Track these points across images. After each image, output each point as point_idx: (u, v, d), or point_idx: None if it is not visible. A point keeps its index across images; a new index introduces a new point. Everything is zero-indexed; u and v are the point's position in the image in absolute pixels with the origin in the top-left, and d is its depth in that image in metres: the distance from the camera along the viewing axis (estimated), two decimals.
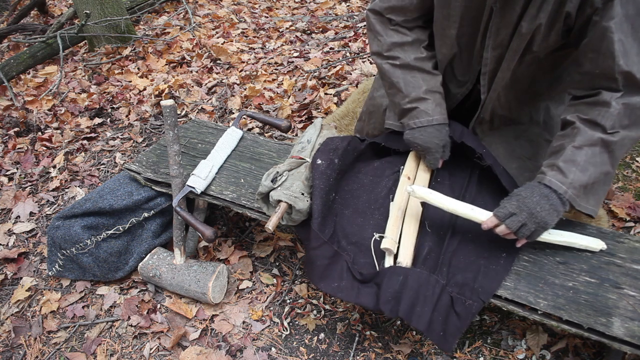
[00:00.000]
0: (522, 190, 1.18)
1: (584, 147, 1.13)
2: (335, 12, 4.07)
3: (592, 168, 1.13)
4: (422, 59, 1.38)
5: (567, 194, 1.13)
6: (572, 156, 1.13)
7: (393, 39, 1.38)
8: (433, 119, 1.36)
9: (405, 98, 1.38)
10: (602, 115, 1.11)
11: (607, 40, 1.07)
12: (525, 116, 1.45)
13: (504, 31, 1.20)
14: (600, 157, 1.12)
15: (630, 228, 1.72)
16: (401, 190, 1.41)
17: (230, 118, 2.71)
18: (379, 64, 1.43)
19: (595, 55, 1.11)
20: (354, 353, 1.47)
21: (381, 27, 1.39)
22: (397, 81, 1.38)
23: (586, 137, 1.13)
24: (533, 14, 1.13)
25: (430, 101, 1.36)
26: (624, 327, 1.11)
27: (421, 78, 1.37)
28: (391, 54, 1.38)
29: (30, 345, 1.62)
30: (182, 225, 1.67)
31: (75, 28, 3.67)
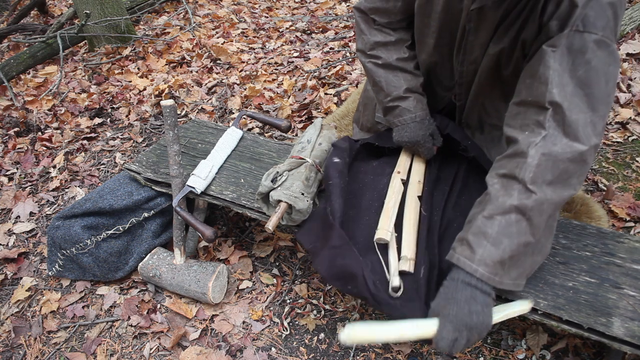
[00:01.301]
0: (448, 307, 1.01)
1: (495, 215, 1.01)
2: (335, 12, 4.07)
3: (507, 240, 0.99)
4: (404, 60, 1.39)
5: (478, 273, 1.00)
6: (482, 227, 1.01)
7: (376, 38, 1.39)
8: (415, 115, 1.39)
9: (387, 97, 1.41)
10: (520, 167, 1.00)
11: (543, 64, 1.00)
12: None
13: (477, 50, 1.22)
14: (516, 226, 0.99)
15: (630, 228, 1.72)
16: (393, 183, 1.42)
17: (230, 118, 2.71)
18: (363, 62, 1.45)
19: (531, 80, 1.05)
20: (354, 353, 1.47)
21: (365, 25, 1.41)
22: (379, 80, 1.41)
23: (497, 205, 1.01)
24: (499, 37, 1.15)
25: (411, 99, 1.39)
26: (624, 327, 1.11)
27: (402, 78, 1.39)
28: (374, 53, 1.40)
29: (30, 345, 1.62)
30: (182, 225, 1.67)
31: (75, 28, 3.67)
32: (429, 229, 1.32)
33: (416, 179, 1.43)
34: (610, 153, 2.07)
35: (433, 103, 1.51)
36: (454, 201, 1.40)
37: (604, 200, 1.83)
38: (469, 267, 1.01)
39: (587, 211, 1.60)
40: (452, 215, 1.36)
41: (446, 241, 1.30)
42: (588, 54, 0.97)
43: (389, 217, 1.33)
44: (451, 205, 1.38)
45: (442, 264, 1.26)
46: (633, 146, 2.08)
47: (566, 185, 1.01)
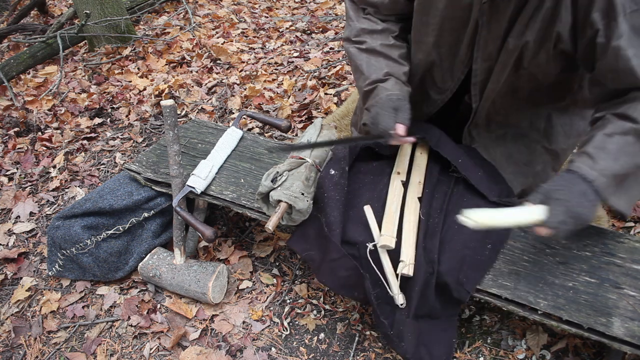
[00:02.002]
0: (560, 191, 1.07)
1: (615, 135, 1.06)
2: (335, 12, 4.07)
3: (625, 157, 1.06)
4: (389, 46, 1.37)
5: (597, 182, 1.05)
6: (603, 143, 1.07)
7: (363, 25, 1.39)
8: (392, 94, 1.28)
9: (366, 80, 1.35)
10: (634, 108, 1.06)
11: (622, 58, 1.04)
12: (525, 121, 1.43)
13: (492, 45, 1.20)
14: (633, 147, 1.05)
15: (630, 228, 1.72)
16: (393, 186, 1.41)
17: (230, 118, 2.71)
18: (347, 48, 1.43)
19: (615, 74, 1.08)
20: (354, 353, 1.47)
21: (354, 13, 1.41)
22: (360, 64, 1.37)
23: (617, 126, 1.07)
24: (520, 30, 1.13)
25: (390, 81, 1.32)
26: (624, 327, 1.11)
27: (384, 63, 1.35)
28: (359, 38, 1.38)
29: (30, 345, 1.62)
30: (182, 225, 1.67)
31: (75, 28, 3.67)
32: (426, 233, 1.32)
33: (416, 179, 1.42)
34: None
35: (426, 107, 1.50)
36: (455, 203, 1.39)
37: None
38: (590, 175, 1.06)
39: None
40: (453, 217, 1.35)
41: (448, 245, 1.30)
42: None
43: (392, 223, 1.32)
44: (452, 208, 1.37)
45: (441, 268, 1.26)
46: None
47: None
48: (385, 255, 1.29)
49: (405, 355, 1.29)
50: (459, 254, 1.28)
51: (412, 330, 1.28)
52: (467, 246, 1.29)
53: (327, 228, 1.35)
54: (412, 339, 1.27)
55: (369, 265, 1.32)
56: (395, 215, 1.34)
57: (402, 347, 1.28)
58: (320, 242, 1.38)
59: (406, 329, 1.28)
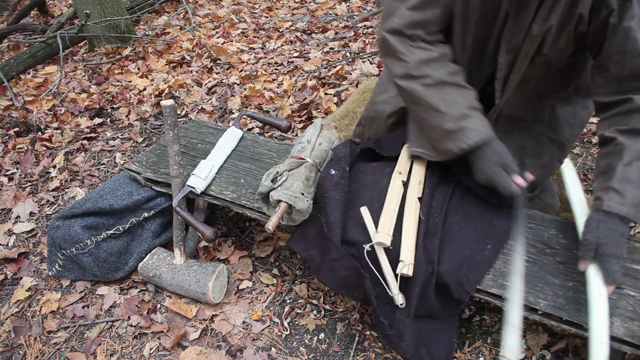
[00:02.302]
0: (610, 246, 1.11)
1: (634, 162, 1.11)
2: (335, 12, 4.08)
3: None
4: (454, 74, 1.27)
5: (630, 215, 1.11)
6: (625, 174, 1.11)
7: (420, 56, 1.25)
8: (485, 135, 1.23)
9: (446, 117, 1.24)
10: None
11: (631, 40, 1.06)
12: (529, 114, 1.44)
13: (518, 35, 1.19)
14: None
15: (630, 228, 1.72)
16: (393, 185, 1.41)
17: (230, 118, 2.71)
18: (409, 87, 1.28)
19: (621, 57, 1.10)
20: (354, 353, 1.47)
21: (403, 46, 1.26)
22: (434, 102, 1.25)
23: (633, 152, 1.11)
24: (544, 15, 1.13)
25: (474, 118, 1.24)
26: (624, 327, 1.11)
27: (459, 95, 1.26)
28: (421, 72, 1.25)
29: (30, 345, 1.62)
30: (182, 225, 1.67)
31: (75, 28, 3.67)
32: (426, 233, 1.32)
33: (417, 179, 1.42)
34: None
35: None
36: (456, 203, 1.39)
37: None
38: (623, 212, 1.10)
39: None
40: (454, 218, 1.36)
41: (448, 245, 1.30)
42: None
43: (389, 220, 1.32)
44: (453, 208, 1.38)
45: (442, 268, 1.26)
46: None
47: None
48: (383, 255, 1.29)
49: (405, 355, 1.29)
50: (459, 254, 1.28)
51: (412, 330, 1.28)
52: (467, 246, 1.29)
53: (327, 228, 1.35)
54: (411, 338, 1.27)
55: (369, 265, 1.32)
56: (393, 214, 1.34)
57: (401, 347, 1.28)
58: (321, 242, 1.38)
59: (406, 329, 1.28)
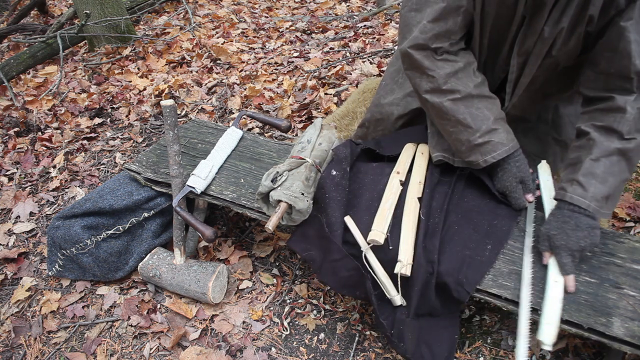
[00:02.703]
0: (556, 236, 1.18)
1: (601, 158, 1.14)
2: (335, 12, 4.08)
3: (612, 178, 1.14)
4: (479, 85, 1.29)
5: (591, 208, 1.14)
6: (591, 169, 1.15)
7: (446, 69, 1.25)
8: (509, 147, 1.28)
9: (475, 133, 1.26)
10: (618, 122, 1.12)
11: (624, 39, 1.07)
12: (533, 114, 1.45)
13: (531, 38, 1.20)
14: (618, 165, 1.14)
15: (630, 228, 1.72)
16: (390, 184, 1.41)
17: (230, 118, 2.71)
18: (438, 103, 1.28)
19: (612, 54, 1.11)
20: (354, 353, 1.47)
21: (429, 61, 1.26)
22: (463, 117, 1.26)
23: (602, 149, 1.14)
24: (556, 18, 1.13)
25: (500, 130, 1.28)
26: (624, 327, 1.11)
27: (485, 107, 1.27)
28: (449, 87, 1.26)
29: (30, 345, 1.62)
30: (182, 225, 1.67)
31: (75, 28, 3.67)
32: (426, 233, 1.32)
33: (417, 179, 1.42)
34: None
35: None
36: (456, 203, 1.39)
37: None
38: (583, 204, 1.15)
39: None
40: (453, 218, 1.36)
41: (448, 245, 1.30)
42: None
43: (384, 218, 1.32)
44: (453, 208, 1.38)
45: (441, 268, 1.26)
46: None
47: None
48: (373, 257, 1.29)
49: (406, 355, 1.29)
50: (459, 254, 1.28)
51: (413, 329, 1.28)
52: (467, 246, 1.29)
53: (328, 229, 1.35)
54: (412, 338, 1.27)
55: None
56: (389, 212, 1.34)
57: (401, 347, 1.28)
58: (321, 243, 1.38)
59: (406, 329, 1.28)
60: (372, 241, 1.28)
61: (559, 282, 1.18)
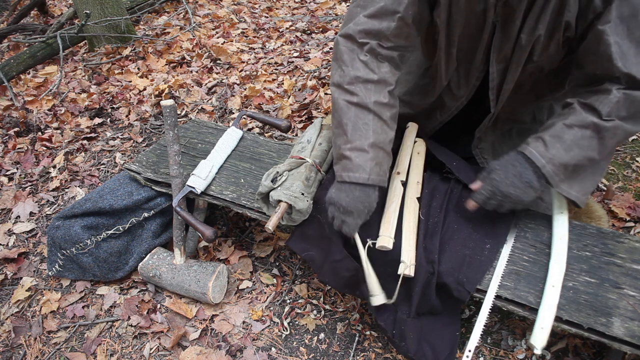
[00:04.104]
0: (497, 172, 1.19)
1: (575, 126, 1.13)
2: (335, 12, 4.07)
3: (577, 150, 1.12)
4: (382, 105, 1.23)
5: (545, 169, 1.13)
6: (560, 132, 1.14)
7: (358, 72, 1.22)
8: (369, 178, 1.20)
9: (347, 143, 1.22)
10: (601, 101, 1.10)
11: (603, 43, 1.07)
12: (528, 115, 1.45)
13: (507, 45, 1.20)
14: (589, 140, 1.12)
15: (630, 228, 1.72)
16: (393, 186, 1.41)
17: (230, 118, 2.71)
18: (336, 98, 1.25)
19: (594, 57, 1.11)
20: (354, 353, 1.47)
21: (349, 56, 1.24)
22: (346, 122, 1.22)
23: (579, 118, 1.12)
24: (531, 25, 1.13)
25: (369, 156, 1.20)
26: (624, 327, 1.11)
27: (372, 128, 1.21)
28: (352, 88, 1.22)
29: (30, 345, 1.62)
30: (182, 225, 1.67)
31: (75, 28, 3.67)
32: (426, 233, 1.32)
33: (415, 179, 1.42)
34: None
35: (440, 115, 1.49)
36: (455, 203, 1.39)
37: (604, 200, 1.83)
38: (538, 161, 1.14)
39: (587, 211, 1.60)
40: (453, 217, 1.36)
41: (448, 244, 1.30)
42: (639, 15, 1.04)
43: (390, 223, 1.31)
44: (452, 208, 1.38)
45: (442, 268, 1.26)
46: (633, 146, 2.08)
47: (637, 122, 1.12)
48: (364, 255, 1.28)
49: (407, 354, 1.29)
50: (459, 253, 1.28)
51: (414, 329, 1.28)
52: (466, 246, 1.30)
53: (330, 229, 1.35)
54: (413, 337, 1.27)
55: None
56: (394, 215, 1.34)
57: (403, 347, 1.28)
58: (322, 243, 1.38)
59: (407, 328, 1.28)
60: (382, 247, 1.27)
61: (556, 287, 1.17)
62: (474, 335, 1.22)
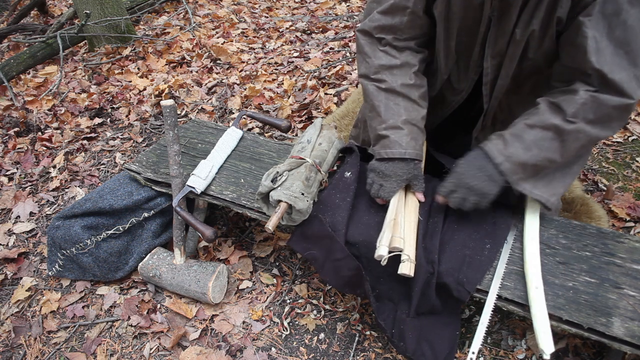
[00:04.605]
0: (461, 165, 1.23)
1: (536, 127, 1.14)
2: (335, 12, 4.07)
3: (537, 150, 1.13)
4: (409, 86, 1.31)
5: (503, 166, 1.16)
6: (521, 132, 1.15)
7: (381, 61, 1.31)
8: (406, 152, 1.28)
9: (382, 124, 1.30)
10: (567, 101, 1.11)
11: (581, 34, 1.06)
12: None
13: (502, 40, 1.20)
14: (549, 142, 1.13)
15: (630, 228, 1.72)
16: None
17: (230, 118, 2.71)
18: (364, 86, 1.36)
19: (570, 48, 1.11)
20: (354, 353, 1.47)
21: (370, 48, 1.33)
22: (378, 104, 1.31)
23: (541, 118, 1.14)
24: (526, 20, 1.13)
25: (405, 132, 1.28)
26: (624, 327, 1.11)
27: (403, 107, 1.30)
28: (378, 76, 1.31)
29: (30, 345, 1.62)
30: (182, 225, 1.67)
31: (75, 28, 3.67)
32: (426, 233, 1.32)
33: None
34: (610, 153, 2.07)
35: (441, 110, 1.50)
36: None
37: (604, 200, 1.83)
38: (496, 158, 1.17)
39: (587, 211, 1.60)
40: (453, 217, 1.36)
41: (448, 245, 1.30)
42: (622, 14, 1.03)
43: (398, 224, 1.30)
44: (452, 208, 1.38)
45: (442, 268, 1.26)
46: (633, 146, 2.08)
47: (605, 127, 1.12)
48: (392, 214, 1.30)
49: (406, 354, 1.29)
50: (459, 253, 1.28)
51: (413, 328, 1.28)
52: (466, 246, 1.30)
53: (332, 228, 1.35)
54: (412, 336, 1.27)
55: (369, 266, 1.32)
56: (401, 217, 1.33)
57: (401, 346, 1.28)
58: (323, 242, 1.38)
59: (407, 328, 1.28)
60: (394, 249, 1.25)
61: (539, 287, 1.18)
62: (477, 338, 1.22)
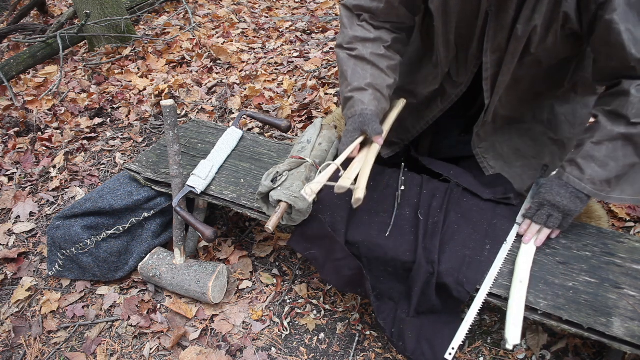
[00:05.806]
0: (543, 186, 1.24)
1: (604, 142, 1.13)
2: (335, 12, 4.07)
3: (613, 163, 1.12)
4: (379, 56, 1.35)
5: (587, 190, 1.16)
6: (591, 152, 1.14)
7: (356, 32, 1.37)
8: (367, 109, 1.28)
9: (348, 86, 1.34)
10: (623, 105, 1.10)
11: (614, 32, 1.05)
12: (528, 115, 1.44)
13: (501, 34, 1.20)
14: (622, 151, 1.11)
15: (630, 228, 1.72)
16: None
17: (230, 118, 2.71)
18: (337, 54, 1.41)
19: (607, 48, 1.10)
20: (354, 353, 1.47)
21: (349, 21, 1.40)
22: (346, 69, 1.35)
23: (605, 132, 1.12)
24: (527, 15, 1.13)
25: (368, 93, 1.30)
26: (624, 327, 1.11)
27: (370, 73, 1.33)
28: (350, 45, 1.37)
29: (30, 345, 1.62)
30: (182, 225, 1.67)
31: (75, 28, 3.67)
32: (426, 233, 1.32)
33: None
34: None
35: (441, 103, 1.50)
36: (455, 203, 1.39)
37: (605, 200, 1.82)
38: (578, 185, 1.17)
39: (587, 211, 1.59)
40: (453, 217, 1.36)
41: (448, 245, 1.30)
42: None
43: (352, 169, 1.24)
44: (452, 208, 1.38)
45: (441, 268, 1.26)
46: None
47: None
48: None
49: (405, 353, 1.29)
50: (459, 253, 1.28)
51: (413, 327, 1.28)
52: (466, 246, 1.30)
53: (332, 228, 1.35)
54: (412, 336, 1.27)
55: (370, 265, 1.32)
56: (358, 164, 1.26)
57: (400, 346, 1.28)
58: (323, 242, 1.38)
59: (406, 327, 1.28)
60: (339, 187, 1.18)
61: (524, 282, 1.20)
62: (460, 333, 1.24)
